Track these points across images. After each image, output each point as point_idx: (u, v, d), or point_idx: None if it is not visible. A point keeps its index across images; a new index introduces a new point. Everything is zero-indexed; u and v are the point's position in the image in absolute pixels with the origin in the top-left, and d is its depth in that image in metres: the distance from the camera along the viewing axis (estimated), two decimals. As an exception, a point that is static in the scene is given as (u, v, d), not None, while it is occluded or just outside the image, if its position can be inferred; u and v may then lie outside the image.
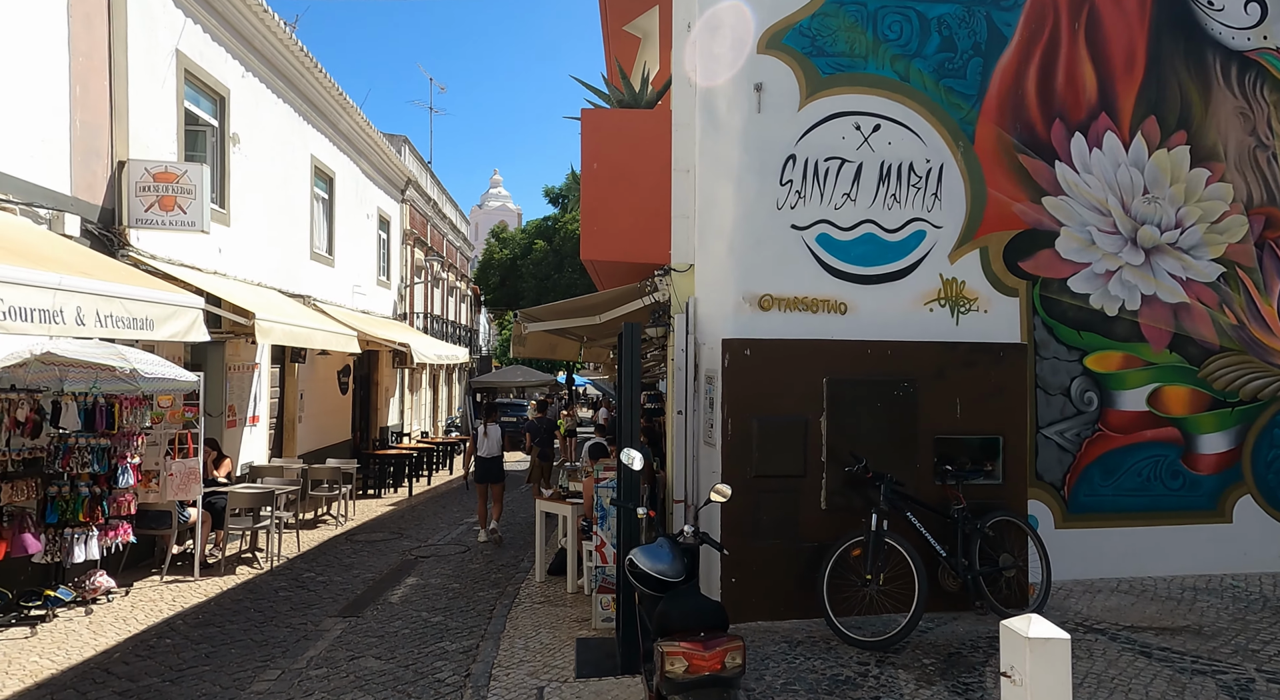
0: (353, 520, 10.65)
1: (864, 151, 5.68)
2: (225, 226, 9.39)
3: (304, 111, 11.89)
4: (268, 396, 10.87)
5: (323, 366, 12.97)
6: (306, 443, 12.22)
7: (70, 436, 5.92)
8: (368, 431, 15.90)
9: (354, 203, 14.59)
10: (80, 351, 5.76)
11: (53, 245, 5.39)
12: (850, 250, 5.59)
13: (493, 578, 7.52)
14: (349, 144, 14.00)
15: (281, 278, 11.11)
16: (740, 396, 5.09)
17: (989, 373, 5.44)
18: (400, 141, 18.42)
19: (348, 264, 14.20)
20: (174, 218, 7.33)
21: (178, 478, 7.13)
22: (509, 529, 10.02)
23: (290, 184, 11.47)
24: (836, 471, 5.15)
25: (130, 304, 5.00)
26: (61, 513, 5.85)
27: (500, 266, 33.57)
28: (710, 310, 5.52)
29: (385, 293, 16.88)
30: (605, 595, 5.48)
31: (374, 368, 16.28)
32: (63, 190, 6.53)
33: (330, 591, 6.99)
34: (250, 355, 10.22)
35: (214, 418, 9.47)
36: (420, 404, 20.80)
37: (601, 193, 5.93)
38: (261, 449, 10.62)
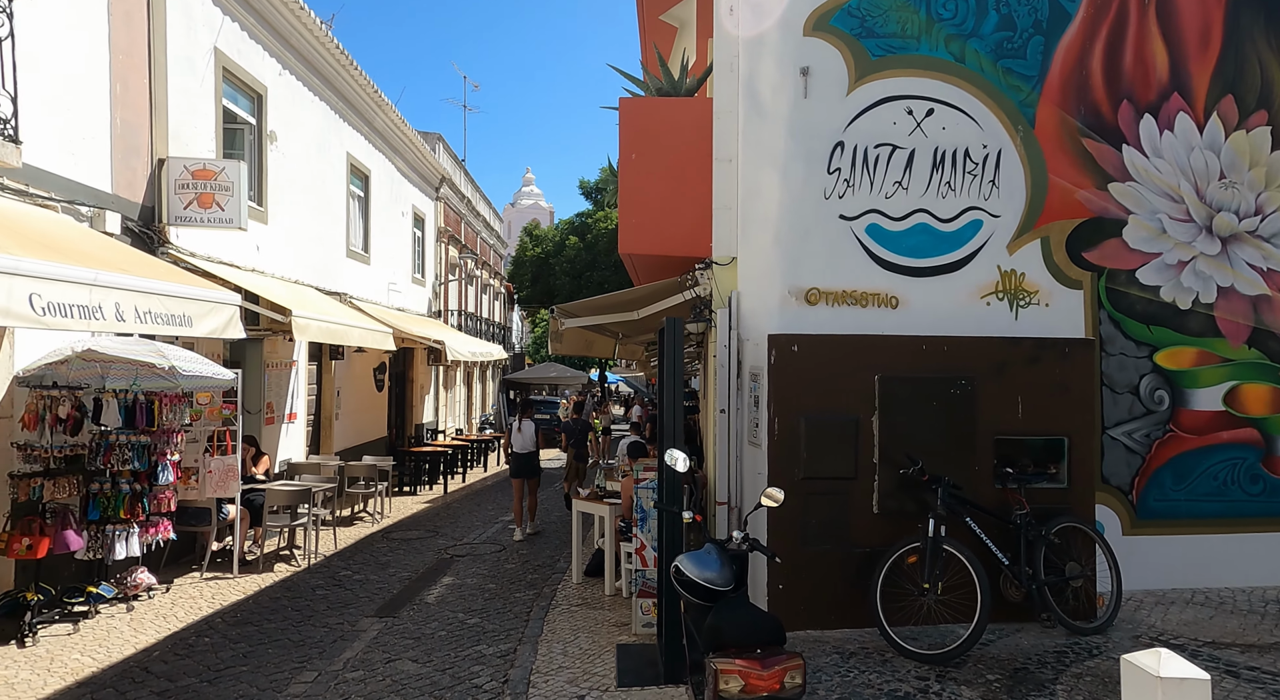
0: (389, 518, 10.64)
1: (916, 137, 5.40)
2: (263, 224, 9.42)
3: (340, 109, 11.91)
4: (305, 394, 10.92)
5: (359, 364, 13.02)
6: (343, 440, 12.26)
7: (111, 433, 5.93)
8: (403, 428, 15.96)
9: (389, 200, 14.63)
10: (120, 348, 5.75)
11: (93, 242, 5.38)
12: (902, 241, 5.31)
13: (529, 578, 7.40)
14: (384, 142, 14.03)
15: (318, 275, 11.14)
16: (787, 395, 4.86)
17: (1054, 370, 5.13)
18: (434, 139, 18.46)
19: (383, 262, 14.24)
20: (212, 215, 7.34)
21: (216, 475, 7.13)
22: (541, 527, 9.95)
23: (326, 182, 11.50)
24: (889, 474, 4.89)
25: (168, 300, 4.95)
26: (103, 510, 5.86)
27: (533, 263, 33.64)
28: (754, 305, 5.29)
29: (420, 290, 16.93)
30: (646, 599, 5.30)
31: (409, 365, 16.34)
32: (104, 188, 6.55)
33: (367, 590, 6.93)
34: (288, 353, 10.25)
35: (253, 415, 9.51)
36: (454, 401, 20.88)
37: (640, 184, 5.74)
38: (299, 446, 10.66)
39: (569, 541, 8.98)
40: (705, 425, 7.66)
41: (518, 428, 9.28)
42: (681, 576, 3.52)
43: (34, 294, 3.64)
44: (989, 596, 4.37)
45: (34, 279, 3.68)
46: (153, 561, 7.03)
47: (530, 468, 9.24)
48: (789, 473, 4.80)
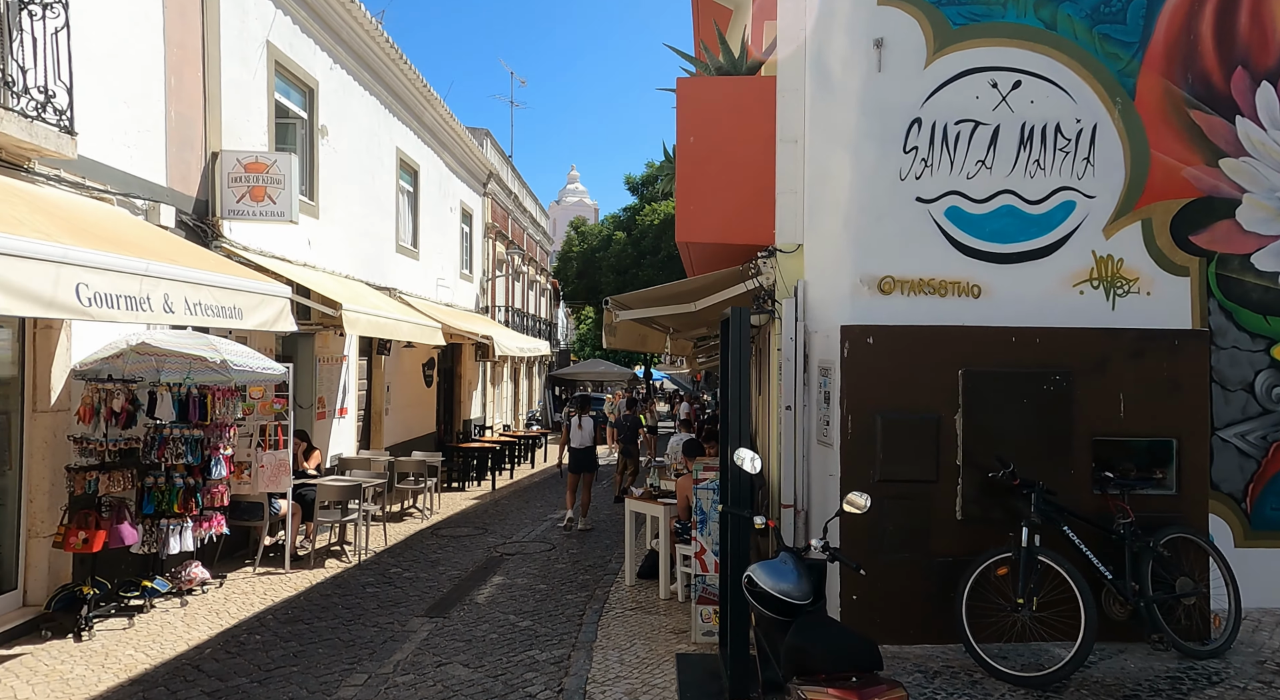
0: (437, 514, 10.57)
1: (1001, 112, 4.96)
2: (314, 219, 9.40)
3: (389, 104, 11.88)
4: (356, 389, 10.92)
5: (408, 359, 13.01)
6: (393, 435, 12.26)
7: (165, 427, 5.89)
8: (451, 424, 15.96)
9: (437, 196, 14.61)
10: (173, 342, 5.70)
11: (146, 234, 5.33)
12: (985, 225, 4.88)
13: (580, 579, 7.17)
14: (433, 137, 14.00)
15: (368, 270, 11.13)
16: (862, 390, 4.50)
17: (1161, 364, 4.64)
18: (482, 134, 18.43)
19: (431, 257, 14.22)
20: (264, 208, 7.29)
21: (268, 469, 7.09)
22: (591, 525, 9.74)
23: (376, 177, 11.48)
24: (974, 477, 4.49)
25: (218, 292, 4.85)
26: (157, 504, 5.83)
27: (579, 259, 33.57)
28: (822, 294, 4.94)
29: (468, 286, 16.92)
30: (706, 607, 5.00)
31: (457, 361, 16.34)
32: (158, 181, 6.54)
33: (417, 589, 6.79)
34: (339, 347, 10.25)
35: (304, 409, 9.52)
36: (502, 397, 20.88)
37: (698, 169, 5.43)
38: (350, 441, 10.66)
39: (620, 540, 8.77)
40: (765, 423, 7.32)
41: (577, 424, 9.58)
42: (755, 588, 3.21)
43: (81, 284, 3.54)
44: (1094, 614, 3.94)
45: (82, 268, 3.58)
46: (206, 556, 7.02)
47: (588, 463, 9.54)
48: (863, 475, 4.44)
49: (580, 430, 9.52)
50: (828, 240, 4.94)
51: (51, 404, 5.34)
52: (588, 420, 9.60)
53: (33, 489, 5.31)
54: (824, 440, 4.76)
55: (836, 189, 4.93)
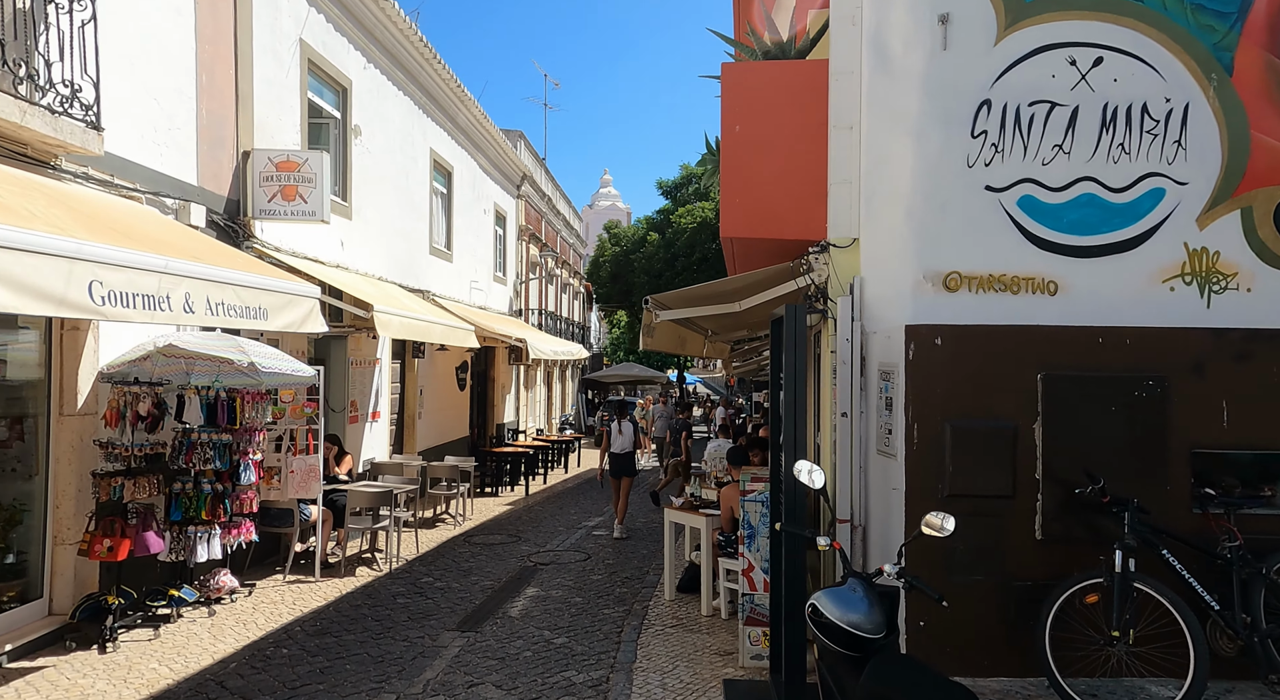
0: (470, 520, 10.35)
1: (1081, 92, 4.51)
2: (347, 219, 9.27)
3: (423, 104, 11.75)
4: (389, 392, 10.77)
5: (442, 362, 12.86)
6: (426, 439, 12.10)
7: (193, 432, 5.73)
8: (484, 428, 15.80)
9: (471, 198, 14.47)
10: (201, 343, 5.54)
11: (173, 233, 5.16)
12: (1062, 215, 4.44)
13: (617, 592, 6.84)
14: (467, 138, 13.86)
15: (402, 272, 10.99)
16: (929, 396, 4.10)
17: (1271, 368, 4.16)
18: (516, 136, 18.30)
19: (465, 259, 14.08)
20: (295, 207, 7.13)
21: (298, 475, 6.91)
22: (627, 533, 9.45)
23: (410, 178, 11.35)
24: (1056, 492, 4.06)
25: (243, 291, 4.65)
26: (185, 510, 5.66)
27: (612, 261, 33.36)
28: (881, 291, 4.55)
29: (501, 289, 16.77)
30: (755, 628, 4.64)
31: (490, 364, 16.18)
32: (189, 180, 6.41)
33: (448, 600, 6.54)
34: (371, 350, 10.10)
35: (337, 413, 9.37)
36: (535, 401, 20.71)
37: (744, 159, 5.08)
38: (383, 445, 10.51)
39: (657, 550, 8.43)
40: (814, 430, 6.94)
41: (618, 429, 9.58)
42: (820, 618, 2.85)
43: (95, 281, 3.33)
44: (1204, 650, 3.49)
45: (97, 264, 3.38)
46: (236, 562, 6.87)
47: (628, 468, 9.60)
48: (931, 489, 4.04)
49: (621, 435, 9.57)
50: (887, 233, 4.55)
51: (78, 408, 5.20)
52: (628, 425, 9.63)
53: (59, 495, 5.18)
54: (885, 450, 4.37)
55: (897, 178, 4.54)
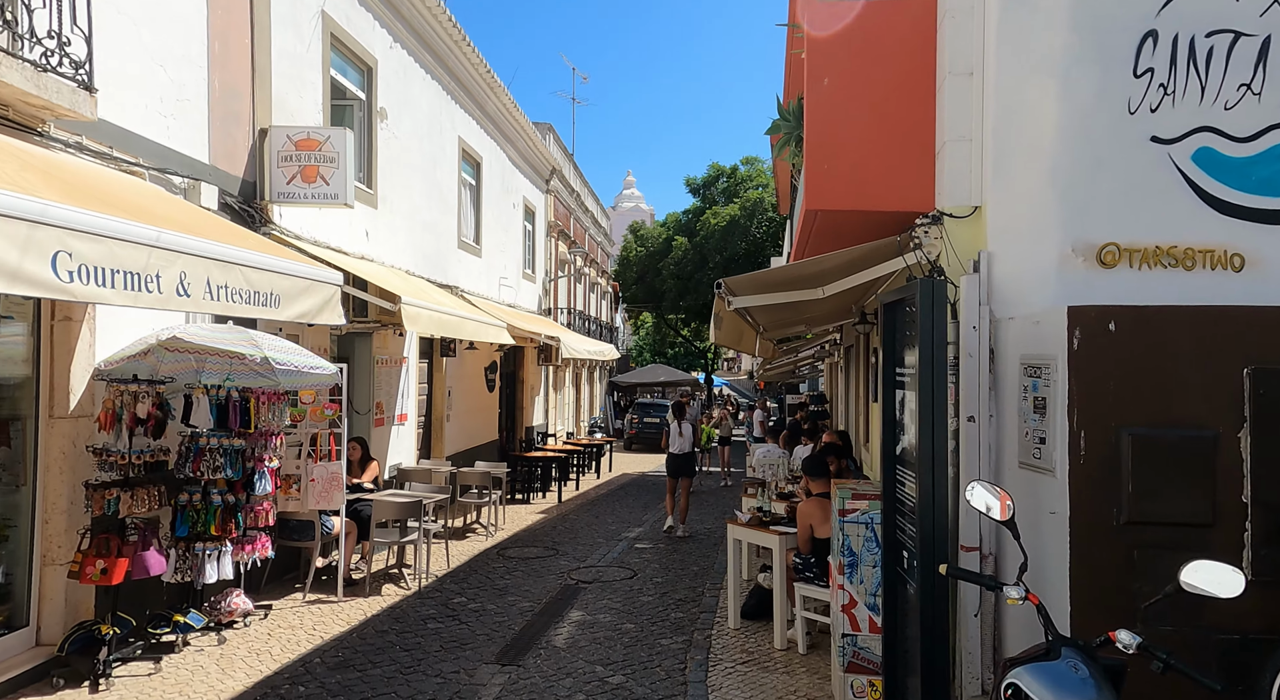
0: (503, 530, 9.67)
1: (1272, 18, 3.67)
2: (372, 208, 8.66)
3: (452, 90, 11.14)
4: (416, 393, 10.14)
5: (470, 362, 12.23)
6: (454, 443, 11.47)
7: (202, 436, 5.10)
8: (513, 432, 15.16)
9: (500, 191, 13.85)
10: (209, 336, 4.90)
11: (176, 208, 4.53)
12: (1250, 172, 3.60)
13: (672, 617, 6.10)
14: (496, 128, 13.25)
15: (429, 266, 10.37)
16: (1100, 397, 3.29)
17: None
18: (545, 129, 17.70)
19: (494, 255, 13.45)
20: (316, 190, 6.50)
21: (319, 484, 6.27)
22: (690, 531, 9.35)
23: (439, 167, 10.74)
24: (1271, 519, 3.23)
25: (251, 273, 3.99)
26: (192, 525, 5.03)
27: (638, 264, 32.68)
28: (1015, 269, 3.76)
29: (530, 286, 16.14)
30: (859, 677, 3.87)
31: (519, 365, 15.55)
32: (200, 157, 5.80)
33: (485, 625, 5.85)
34: (398, 348, 9.48)
35: (362, 415, 8.76)
36: (564, 403, 20.06)
37: (834, 118, 4.32)
38: (409, 450, 9.88)
39: (708, 566, 7.67)
40: None
41: (679, 431, 9.77)
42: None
43: (62, 252, 2.68)
44: None
45: (65, 231, 2.72)
46: (253, 580, 6.25)
47: (688, 468, 9.68)
48: (1103, 514, 3.24)
49: (681, 437, 9.71)
50: (1023, 199, 3.75)
51: (71, 409, 4.58)
52: (687, 426, 9.77)
53: (48, 508, 4.56)
54: (1034, 464, 3.56)
55: (1035, 131, 3.74)
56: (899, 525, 3.34)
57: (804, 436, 10.32)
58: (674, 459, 9.65)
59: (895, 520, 3.36)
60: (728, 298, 4.43)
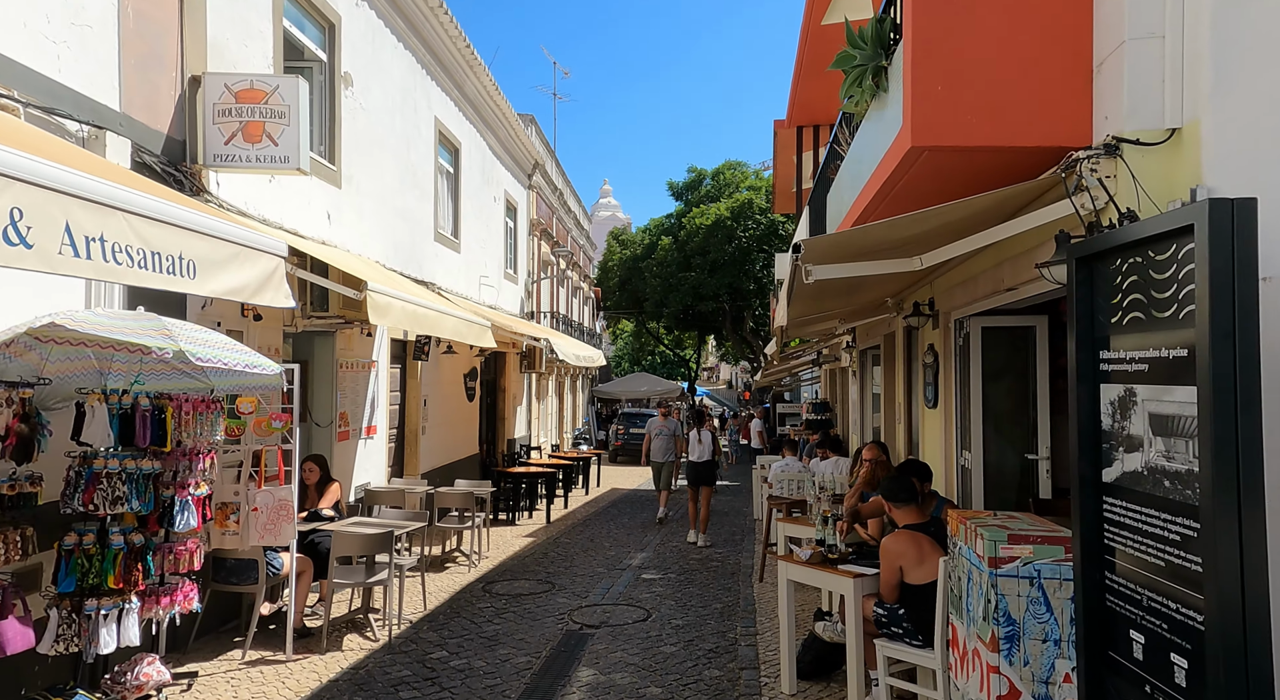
0: (487, 558, 8.44)
1: None
2: (335, 188, 7.45)
3: (427, 64, 9.96)
4: (387, 403, 8.90)
5: (448, 368, 10.99)
6: (431, 459, 10.21)
7: (98, 457, 3.86)
8: (495, 445, 13.91)
9: (480, 181, 12.67)
10: (102, 324, 3.66)
11: (52, 145, 3.29)
12: None
13: (707, 676, 4.93)
14: (476, 113, 12.08)
15: (402, 259, 9.16)
16: None
17: None
18: (527, 120, 16.55)
19: (474, 251, 12.25)
20: (261, 151, 5.30)
21: (265, 514, 5.03)
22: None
23: (413, 149, 9.54)
24: None
25: (145, 226, 2.78)
26: (81, 576, 3.77)
27: (621, 267, 31.59)
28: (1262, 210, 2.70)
29: (513, 287, 14.93)
30: (1012, 791, 2.74)
31: (500, 372, 14.31)
32: (108, 103, 4.57)
33: (473, 692, 4.64)
34: (366, 350, 8.24)
35: (322, 428, 7.51)
36: (547, 413, 18.82)
37: (951, 24, 3.25)
38: (379, 467, 8.62)
39: (733, 604, 6.47)
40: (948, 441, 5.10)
41: (697, 438, 9.75)
42: None
43: None
44: None
45: None
46: (179, 637, 4.98)
47: (707, 476, 9.69)
48: None
49: (700, 444, 9.70)
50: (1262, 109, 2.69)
51: (-98, 422, 3.32)
52: (705, 433, 9.73)
53: None
54: None
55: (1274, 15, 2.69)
56: (1120, 590, 2.23)
57: (824, 448, 9.28)
58: (693, 468, 9.77)
59: (1105, 581, 2.27)
60: (808, 268, 3.32)
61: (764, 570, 7.46)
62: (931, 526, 3.84)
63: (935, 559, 3.65)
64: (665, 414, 11.00)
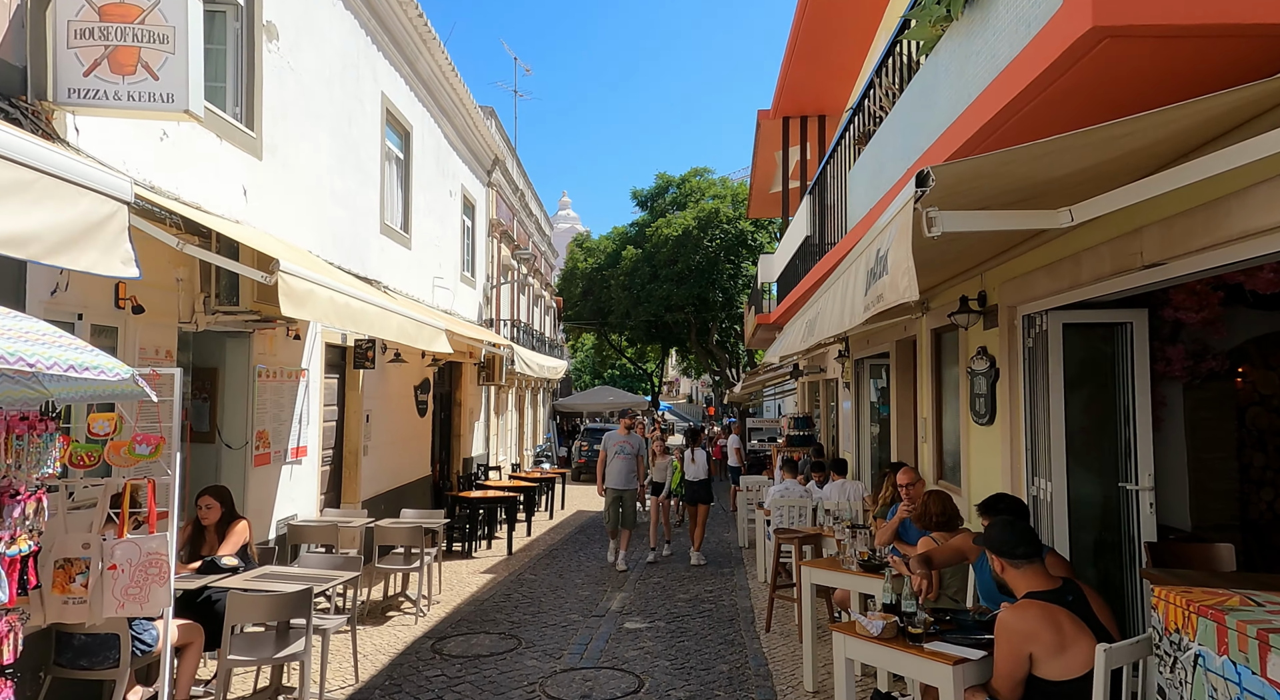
0: (439, 603, 7.11)
1: None
2: (254, 158, 6.13)
3: (373, 32, 8.70)
4: (320, 419, 7.53)
5: (396, 379, 9.63)
6: (374, 483, 8.82)
7: None
8: (449, 465, 12.52)
9: (435, 173, 11.38)
10: None
11: None
12: None
13: (725, 778, 3.74)
14: (430, 95, 10.82)
15: (342, 251, 7.84)
16: None
17: None
18: (487, 113, 15.32)
19: (427, 248, 10.94)
20: (135, 86, 3.98)
21: (126, 572, 3.67)
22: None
23: (355, 125, 8.25)
24: None
25: None
26: None
27: (584, 278, 30.40)
28: None
29: (470, 292, 13.61)
30: None
31: (456, 384, 12.96)
32: (-105, -3, 3.23)
33: (412, 819, 3.35)
34: (293, 357, 6.89)
35: (235, 451, 6.13)
36: (506, 430, 17.45)
37: None
38: (309, 496, 7.23)
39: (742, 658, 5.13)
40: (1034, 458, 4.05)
41: (691, 458, 9.72)
42: None
43: None
44: None
45: None
46: (-6, 750, 3.56)
47: (705, 494, 9.62)
48: None
49: (694, 463, 9.73)
50: None
51: None
52: (700, 452, 9.78)
53: None
54: None
55: None
56: None
57: (826, 471, 8.24)
58: (690, 486, 9.73)
59: None
60: (929, 214, 2.18)
61: (771, 617, 6.31)
62: (1068, 595, 2.74)
63: (1085, 646, 2.55)
64: (629, 427, 9.37)
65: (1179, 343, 4.40)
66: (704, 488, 9.69)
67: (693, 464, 9.75)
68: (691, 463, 9.75)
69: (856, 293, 2.83)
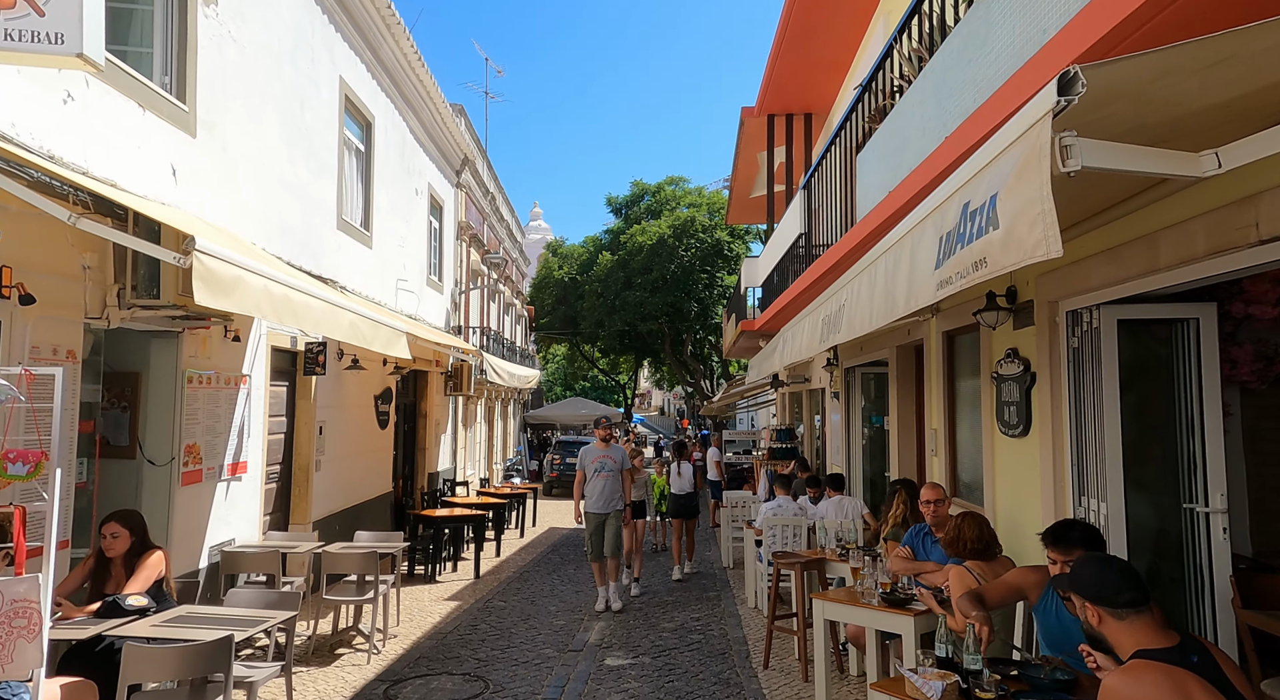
0: (395, 637, 6.34)
1: None
2: (187, 135, 5.40)
3: (329, 9, 8.00)
4: (264, 431, 6.73)
5: (354, 388, 8.84)
6: (327, 502, 8.01)
7: None
8: (413, 480, 11.70)
9: (399, 168, 10.65)
10: None
11: None
12: None
13: None
14: (394, 85, 10.11)
15: (293, 245, 7.09)
16: None
17: None
18: (457, 110, 14.62)
19: (390, 248, 10.18)
20: (14, 22, 3.24)
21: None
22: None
23: (308, 109, 7.51)
24: None
25: None
26: None
27: (557, 286, 29.71)
28: None
29: (437, 297, 12.85)
30: None
31: (421, 394, 12.16)
32: None
33: None
34: (233, 360, 6.11)
35: (159, 467, 5.34)
36: (474, 442, 16.62)
37: None
38: (249, 517, 6.42)
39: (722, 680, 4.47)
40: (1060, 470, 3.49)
41: (677, 471, 9.59)
42: None
43: None
44: None
45: None
46: None
47: (690, 508, 9.46)
48: None
49: (680, 477, 9.60)
50: None
51: None
52: (686, 466, 9.67)
53: None
54: None
55: None
56: None
57: (819, 486, 7.66)
58: (675, 500, 9.54)
59: None
60: (1064, 142, 1.58)
61: (769, 651, 5.67)
62: (1191, 655, 2.15)
63: (1226, 723, 1.95)
64: (606, 438, 7.84)
65: (1243, 342, 3.89)
66: (689, 502, 9.54)
67: (679, 477, 9.63)
68: (678, 476, 9.64)
69: (918, 268, 2.23)
